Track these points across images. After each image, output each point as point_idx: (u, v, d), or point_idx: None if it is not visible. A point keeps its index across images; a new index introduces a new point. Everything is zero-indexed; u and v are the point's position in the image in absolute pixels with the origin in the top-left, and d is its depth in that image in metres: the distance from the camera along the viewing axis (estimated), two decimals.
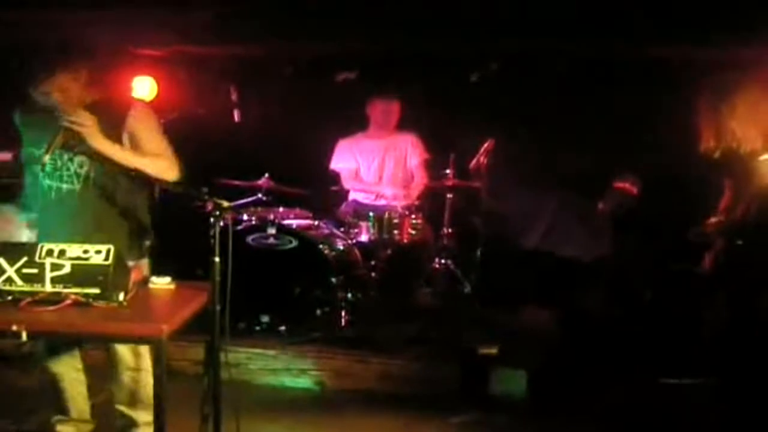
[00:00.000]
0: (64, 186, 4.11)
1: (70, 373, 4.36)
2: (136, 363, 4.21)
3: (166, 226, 4.53)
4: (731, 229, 4.43)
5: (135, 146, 4.15)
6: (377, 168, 7.29)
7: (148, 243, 4.32)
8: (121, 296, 3.52)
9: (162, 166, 4.14)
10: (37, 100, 4.07)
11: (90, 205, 4.10)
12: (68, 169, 4.10)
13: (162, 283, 3.93)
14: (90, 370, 4.49)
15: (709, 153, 4.41)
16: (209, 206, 3.74)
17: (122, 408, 4.33)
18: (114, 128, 4.09)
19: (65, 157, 4.08)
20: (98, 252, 3.52)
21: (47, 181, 4.14)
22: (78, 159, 4.07)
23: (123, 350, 4.21)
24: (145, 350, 4.15)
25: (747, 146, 4.30)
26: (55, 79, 4.00)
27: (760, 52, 5.76)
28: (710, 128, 4.38)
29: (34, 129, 4.17)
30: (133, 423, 4.31)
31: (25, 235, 4.26)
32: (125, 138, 4.12)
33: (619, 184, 6.66)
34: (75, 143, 3.95)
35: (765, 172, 4.18)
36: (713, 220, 4.57)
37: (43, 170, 4.10)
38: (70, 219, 4.09)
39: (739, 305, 4.54)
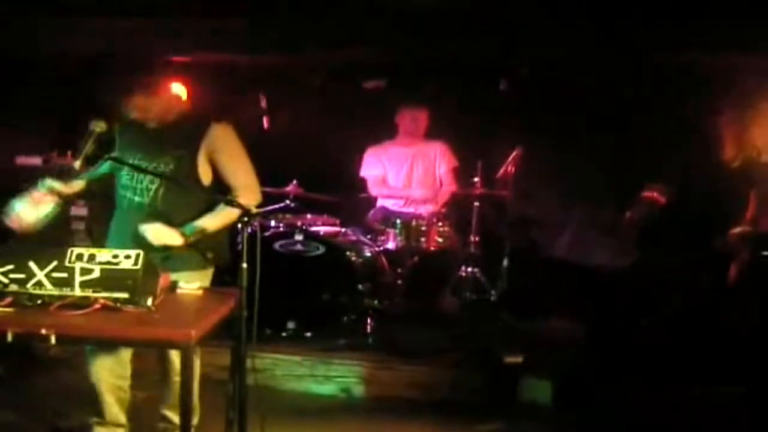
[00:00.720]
0: (136, 198, 4.19)
1: (113, 380, 4.35)
2: None
3: None
4: (756, 239, 4.41)
5: (215, 167, 4.21)
6: (405, 175, 7.30)
7: (210, 255, 4.32)
8: (150, 301, 3.52)
9: (246, 200, 4.12)
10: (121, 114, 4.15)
11: (157, 219, 4.13)
12: (141, 182, 4.18)
13: (190, 288, 3.96)
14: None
15: (730, 162, 4.40)
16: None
17: (166, 411, 4.41)
18: (189, 144, 4.16)
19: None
20: (128, 257, 3.54)
21: (123, 192, 4.24)
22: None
23: (174, 355, 4.25)
24: (195, 355, 4.16)
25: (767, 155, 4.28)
26: (133, 98, 4.07)
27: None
28: (731, 137, 4.37)
29: (125, 138, 4.28)
30: (175, 426, 4.37)
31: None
32: (201, 155, 4.17)
33: (647, 194, 6.64)
34: (104, 152, 4.00)
35: None
36: (737, 230, 4.55)
37: (118, 178, 4.22)
38: (133, 231, 4.11)
39: (764, 315, 4.52)
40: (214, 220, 4.15)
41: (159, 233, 4.05)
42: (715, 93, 4.50)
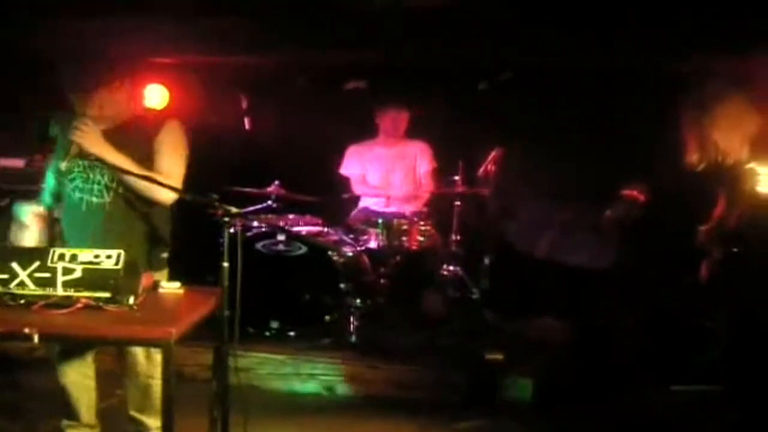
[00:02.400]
0: (95, 199, 4.17)
1: (80, 379, 4.42)
2: (150, 369, 4.27)
3: (178, 234, 4.58)
4: (726, 237, 4.46)
5: (155, 158, 4.21)
6: (385, 175, 7.35)
7: (165, 255, 4.37)
8: (132, 300, 3.56)
9: (159, 187, 4.14)
10: (75, 111, 4.11)
11: (117, 219, 4.16)
12: (99, 183, 4.16)
13: (172, 287, 3.99)
14: (99, 375, 4.55)
15: (694, 166, 4.45)
16: (219, 213, 3.79)
17: (134, 413, 4.40)
18: (145, 145, 4.17)
19: (96, 170, 4.14)
20: (109, 257, 3.57)
21: (78, 194, 4.20)
22: (109, 172, 4.13)
23: (137, 356, 4.28)
24: (158, 356, 4.18)
25: (731, 157, 4.33)
26: (96, 94, 4.05)
27: (740, 63, 5.83)
28: (694, 141, 4.42)
29: (63, 140, 4.22)
30: (145, 428, 4.38)
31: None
32: (154, 151, 4.20)
33: (627, 192, 6.68)
34: (87, 153, 4.02)
35: (752, 180, 4.21)
36: (705, 227, 4.61)
37: (70, 180, 4.20)
38: (97, 232, 4.14)
39: (738, 312, 4.57)
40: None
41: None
42: (686, 97, 4.55)
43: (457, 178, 7.19)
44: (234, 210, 3.80)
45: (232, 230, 3.79)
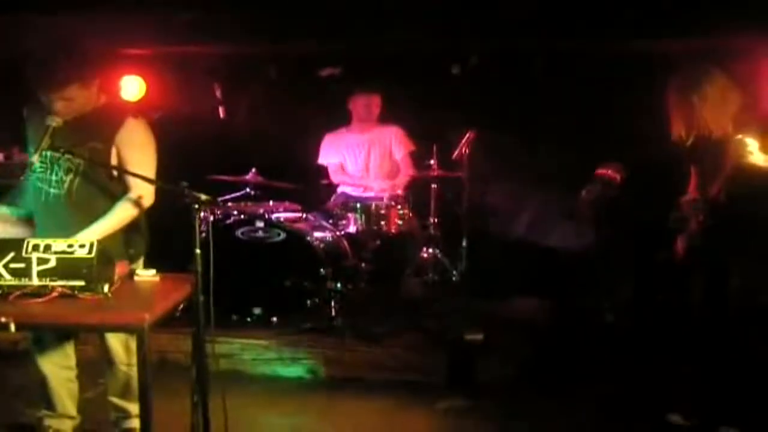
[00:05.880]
0: (52, 191, 4.20)
1: (58, 370, 4.44)
2: (129, 358, 4.31)
3: (159, 224, 4.60)
4: (708, 207, 4.54)
5: (119, 158, 4.20)
6: (363, 161, 7.39)
7: (132, 251, 4.32)
8: (106, 288, 3.63)
9: (133, 209, 4.20)
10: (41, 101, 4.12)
11: (74, 211, 4.16)
12: (56, 174, 4.18)
13: (147, 275, 4.05)
14: (83, 365, 4.59)
15: (681, 142, 4.55)
16: (189, 200, 3.80)
17: (116, 400, 4.45)
18: (103, 136, 4.16)
19: (58, 162, 4.16)
20: (82, 246, 3.64)
21: (38, 184, 4.23)
22: (65, 165, 4.15)
23: (116, 346, 4.32)
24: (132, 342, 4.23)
25: (718, 132, 4.46)
26: (66, 89, 4.05)
27: (728, 41, 5.91)
28: (681, 118, 4.53)
29: (32, 129, 4.26)
30: (126, 414, 4.44)
31: (20, 233, 4.31)
32: (114, 147, 4.18)
33: (602, 171, 6.72)
34: (61, 144, 4.05)
35: (737, 151, 4.28)
36: (687, 198, 4.68)
37: (32, 170, 4.22)
38: (56, 223, 4.14)
39: (712, 285, 4.64)
40: (108, 223, 4.15)
41: None
42: (665, 76, 4.65)
43: (432, 162, 7.25)
44: (204, 197, 3.82)
45: (211, 218, 3.81)
